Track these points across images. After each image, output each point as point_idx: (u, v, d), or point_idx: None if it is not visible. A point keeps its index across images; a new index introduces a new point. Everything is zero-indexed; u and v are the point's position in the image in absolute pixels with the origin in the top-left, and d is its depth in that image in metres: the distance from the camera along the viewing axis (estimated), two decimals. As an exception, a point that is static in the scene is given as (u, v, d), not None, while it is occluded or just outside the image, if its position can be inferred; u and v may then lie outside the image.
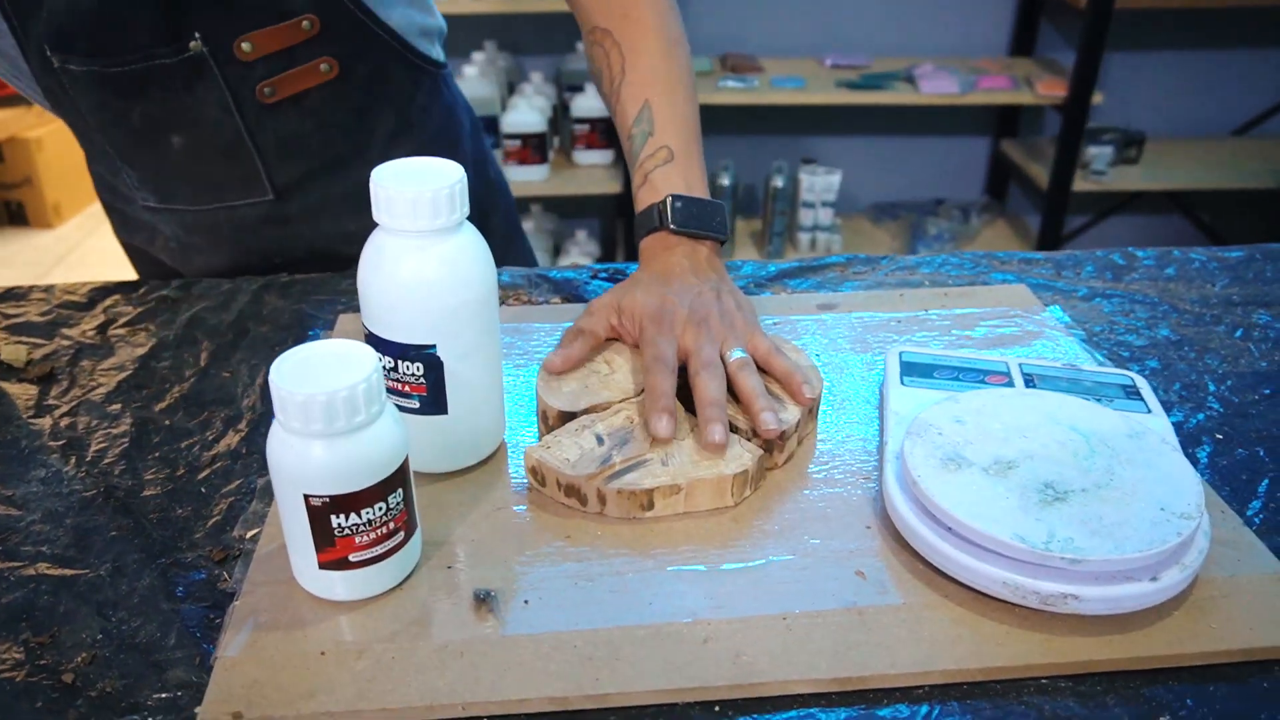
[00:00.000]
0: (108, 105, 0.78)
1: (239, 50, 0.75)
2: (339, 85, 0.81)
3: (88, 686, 0.47)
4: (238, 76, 0.77)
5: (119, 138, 0.81)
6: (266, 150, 0.81)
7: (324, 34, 0.78)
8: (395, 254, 0.54)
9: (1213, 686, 0.47)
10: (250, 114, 0.79)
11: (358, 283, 0.56)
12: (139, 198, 0.86)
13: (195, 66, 0.75)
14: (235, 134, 0.79)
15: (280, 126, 0.80)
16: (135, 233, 0.93)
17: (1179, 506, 0.52)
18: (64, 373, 0.71)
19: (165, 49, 0.74)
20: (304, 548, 0.49)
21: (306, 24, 0.76)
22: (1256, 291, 0.83)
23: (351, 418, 0.46)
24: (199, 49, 0.75)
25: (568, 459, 0.56)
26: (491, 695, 0.46)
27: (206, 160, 0.81)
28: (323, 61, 0.78)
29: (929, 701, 0.46)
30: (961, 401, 0.59)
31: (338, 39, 0.79)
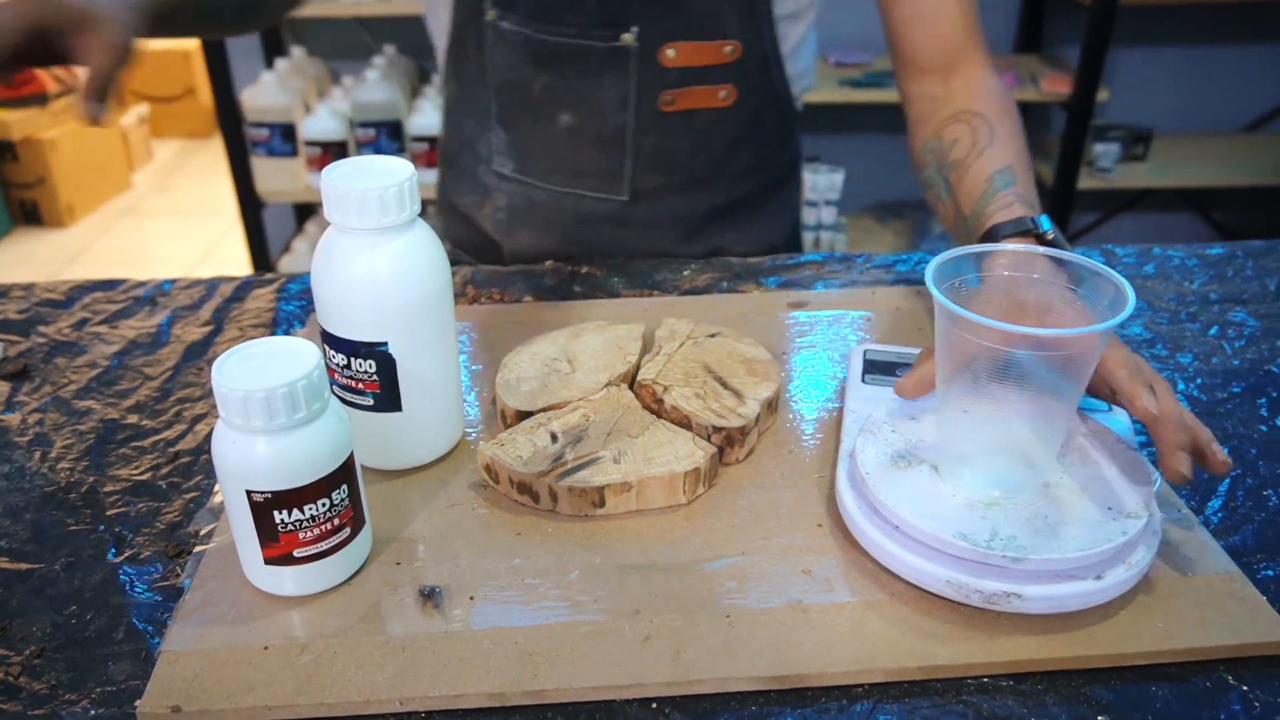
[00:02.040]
0: (518, 68, 0.82)
1: (663, 55, 0.79)
2: (726, 114, 0.84)
3: (35, 679, 0.47)
4: (650, 79, 0.80)
5: (510, 101, 0.84)
6: (641, 154, 0.84)
7: (737, 64, 0.81)
8: (346, 252, 0.54)
9: (1155, 686, 0.47)
10: (644, 116, 0.82)
11: (310, 281, 0.56)
12: (496, 161, 0.89)
13: (617, 57, 0.79)
14: (620, 131, 0.83)
15: (663, 136, 0.84)
16: (467, 193, 0.94)
17: (1127, 506, 0.51)
18: (37, 370, 0.72)
19: (601, 33, 0.79)
20: (249, 543, 0.49)
21: (729, 49, 0.80)
22: (1234, 289, 0.82)
23: (292, 414, 0.47)
24: (630, 42, 0.79)
25: (520, 456, 0.57)
26: (429, 690, 0.46)
27: (583, 146, 0.84)
28: (724, 89, 0.82)
29: (868, 700, 0.46)
30: (919, 400, 0.59)
31: (745, 73, 0.82)
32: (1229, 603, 0.50)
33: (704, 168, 0.86)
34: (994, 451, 0.53)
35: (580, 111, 0.83)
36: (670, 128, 0.83)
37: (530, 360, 0.66)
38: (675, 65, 0.80)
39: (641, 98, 0.81)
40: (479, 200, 0.92)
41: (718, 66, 0.81)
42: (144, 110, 3.90)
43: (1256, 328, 0.76)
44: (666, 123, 0.83)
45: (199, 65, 3.98)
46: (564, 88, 0.82)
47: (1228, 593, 0.51)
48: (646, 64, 0.80)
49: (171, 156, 4.01)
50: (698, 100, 0.82)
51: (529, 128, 0.85)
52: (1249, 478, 0.60)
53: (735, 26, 0.79)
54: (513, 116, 0.85)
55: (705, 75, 0.81)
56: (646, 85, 0.81)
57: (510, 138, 0.86)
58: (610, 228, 0.89)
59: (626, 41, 0.78)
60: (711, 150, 0.85)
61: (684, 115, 0.83)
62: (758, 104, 0.85)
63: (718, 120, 0.84)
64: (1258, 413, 0.66)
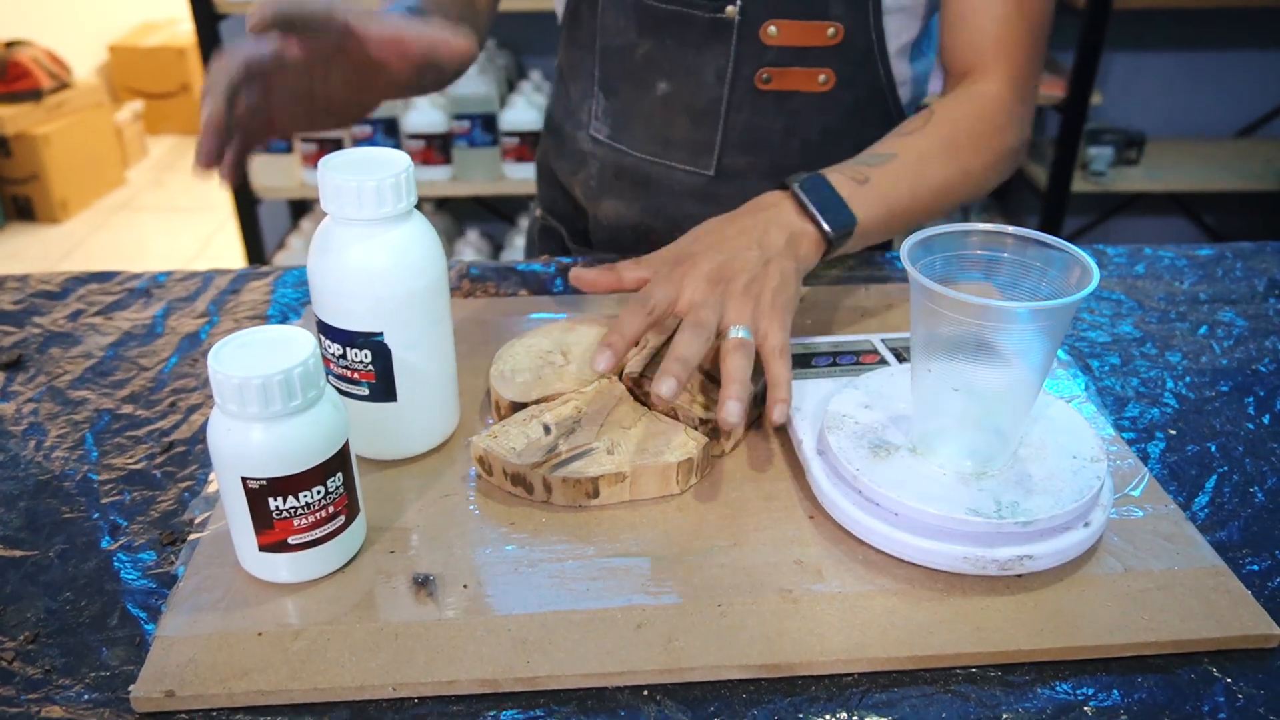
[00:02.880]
0: (624, 33, 0.83)
1: (764, 32, 0.79)
2: (822, 100, 0.83)
3: (29, 664, 0.48)
4: (750, 54, 0.80)
5: (613, 67, 0.85)
6: (732, 130, 0.84)
7: (839, 49, 0.80)
8: (342, 242, 0.54)
9: (1140, 677, 0.47)
10: (739, 92, 0.82)
11: (307, 271, 0.56)
12: (593, 127, 0.89)
13: (719, 29, 0.79)
14: (715, 104, 0.83)
15: (756, 114, 0.83)
16: (564, 159, 0.95)
17: (1087, 452, 0.54)
18: (32, 360, 0.72)
19: (705, 3, 0.79)
20: (244, 531, 0.50)
21: (832, 31, 0.79)
22: (1224, 289, 0.83)
23: (288, 401, 0.47)
24: (734, 15, 0.79)
25: (514, 448, 0.57)
26: (422, 676, 0.46)
27: (676, 116, 0.85)
28: (823, 73, 0.81)
29: (857, 688, 0.47)
30: (861, 386, 0.60)
31: (846, 60, 0.81)
32: (1214, 596, 0.51)
33: (795, 154, 0.85)
34: (974, 425, 0.54)
35: (677, 81, 0.83)
36: (764, 106, 0.82)
37: (524, 353, 0.66)
38: (776, 43, 0.79)
39: (738, 72, 0.81)
40: (575, 167, 0.93)
41: (818, 49, 0.80)
42: (138, 106, 3.90)
43: (1245, 328, 0.77)
44: (761, 101, 0.82)
45: (194, 62, 3.98)
46: (664, 56, 0.82)
47: (1213, 587, 0.51)
48: (746, 39, 0.79)
49: (166, 152, 4.01)
50: (795, 82, 0.81)
51: (628, 93, 0.85)
52: (1235, 474, 0.61)
53: (840, 9, 0.79)
54: (614, 81, 0.86)
55: (805, 56, 0.80)
56: (745, 60, 0.80)
57: (609, 103, 0.87)
58: (694, 202, 0.88)
59: (730, 14, 0.78)
60: (804, 135, 0.84)
61: (780, 95, 0.82)
62: (858, 97, 0.83)
63: (814, 105, 0.83)
64: (1245, 411, 0.67)
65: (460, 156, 2.31)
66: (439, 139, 2.27)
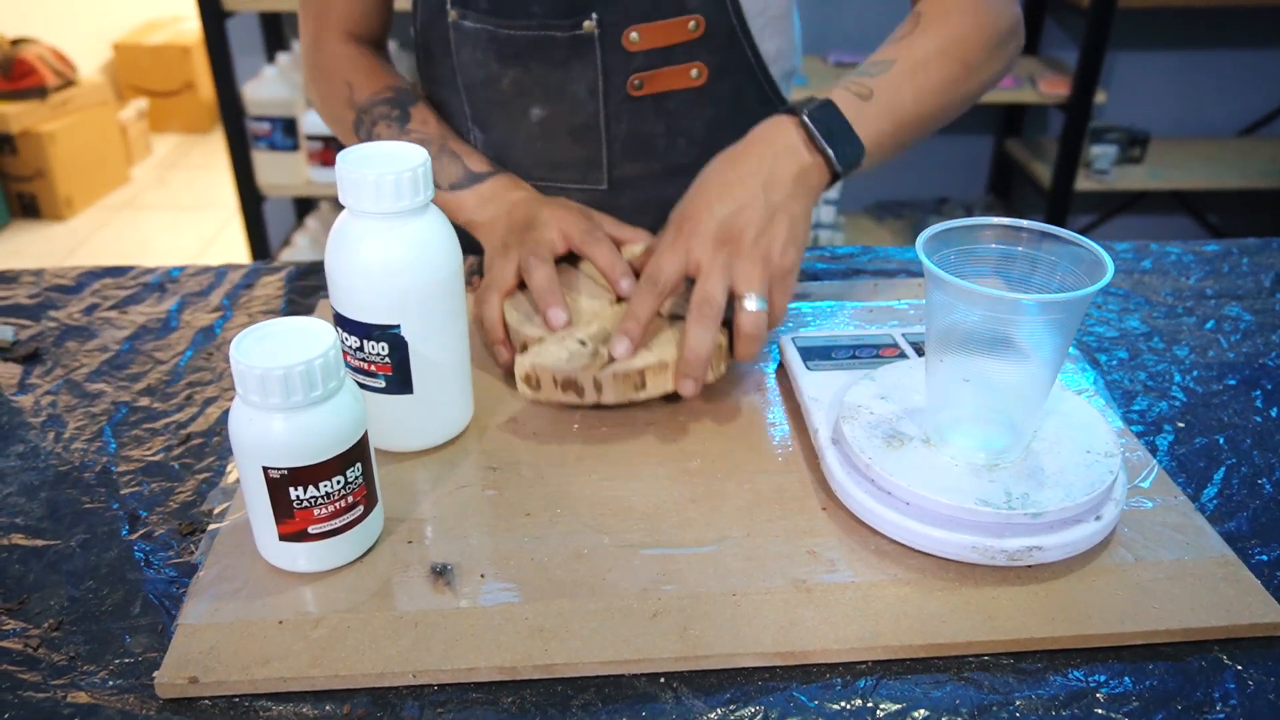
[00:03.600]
0: (484, 65, 0.82)
1: (626, 39, 0.78)
2: (699, 95, 0.83)
3: (54, 651, 0.48)
4: (616, 64, 0.80)
5: (482, 100, 0.84)
6: (615, 142, 0.84)
7: (704, 40, 0.80)
8: (360, 235, 0.55)
9: (1151, 664, 0.48)
10: (613, 102, 0.81)
11: (325, 264, 0.57)
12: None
13: (581, 45, 0.79)
14: (592, 119, 0.82)
15: (636, 121, 0.83)
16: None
17: (1101, 447, 0.55)
18: (48, 353, 0.72)
19: (561, 22, 0.78)
20: (265, 520, 0.50)
21: (693, 24, 0.79)
22: (1230, 285, 0.83)
23: (309, 392, 0.47)
24: (591, 29, 0.78)
25: (560, 358, 0.61)
26: (441, 664, 0.47)
27: (557, 138, 0.84)
28: (694, 67, 0.81)
29: (871, 676, 0.47)
30: (877, 379, 0.61)
31: (714, 49, 0.81)
32: (1224, 586, 0.51)
33: (683, 153, 0.85)
34: (987, 417, 0.55)
35: (551, 103, 0.82)
36: (642, 112, 0.82)
37: (529, 300, 0.68)
38: (640, 48, 0.79)
39: (610, 84, 0.80)
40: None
41: (684, 45, 0.80)
42: (143, 104, 3.90)
43: (1251, 322, 0.77)
44: (638, 107, 0.82)
45: (198, 59, 3.99)
46: (531, 81, 0.81)
47: (1223, 576, 0.52)
48: (610, 49, 0.79)
49: (170, 150, 4.02)
50: (668, 82, 0.81)
51: (503, 125, 0.84)
52: (1243, 466, 0.61)
53: (695, 1, 0.78)
54: (486, 115, 0.84)
55: (672, 55, 0.80)
56: (613, 70, 0.80)
57: (487, 136, 0.86)
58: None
59: (588, 28, 0.78)
60: (689, 133, 0.84)
61: (656, 99, 0.82)
62: (735, 84, 0.83)
63: (692, 101, 0.83)
64: (1252, 404, 0.67)
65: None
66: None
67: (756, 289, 0.61)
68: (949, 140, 2.80)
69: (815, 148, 0.66)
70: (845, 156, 0.66)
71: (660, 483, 0.59)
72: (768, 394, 0.67)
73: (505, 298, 0.68)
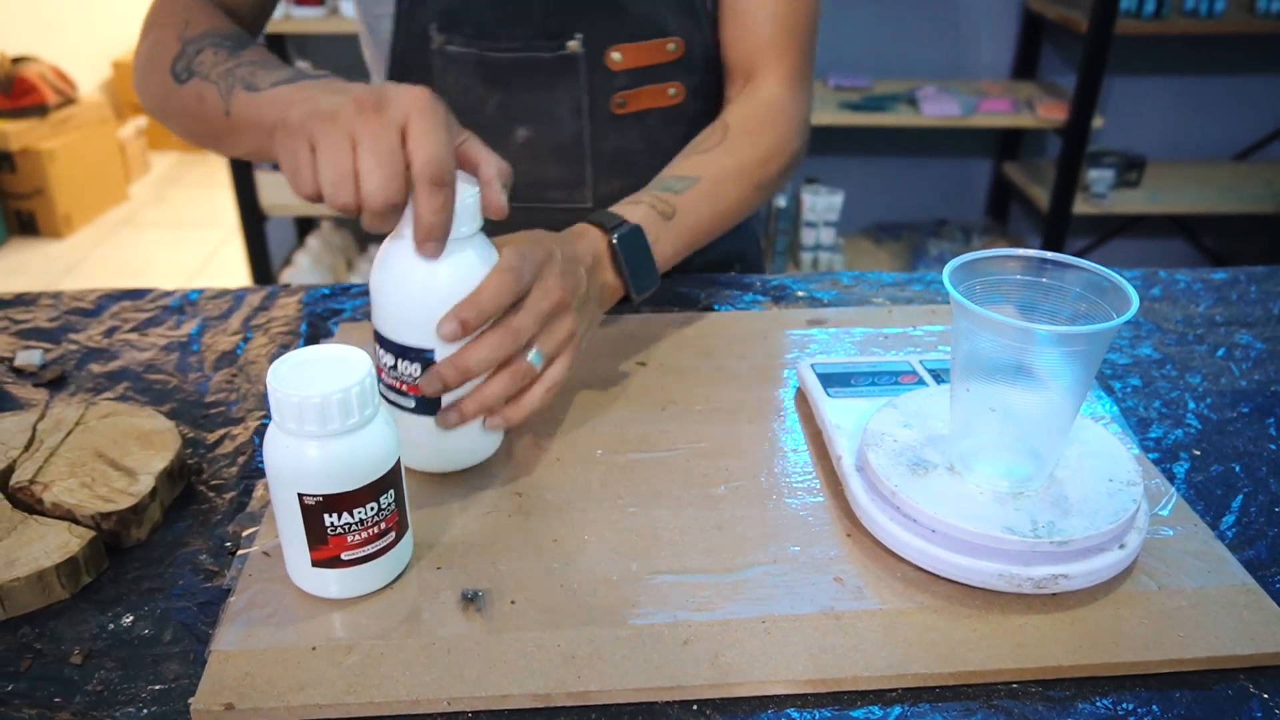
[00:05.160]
0: (469, 90, 0.83)
1: (609, 59, 0.81)
2: (676, 112, 0.85)
3: (85, 680, 0.48)
4: (599, 83, 0.82)
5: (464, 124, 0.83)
6: (599, 159, 0.85)
7: (681, 61, 0.83)
8: (404, 258, 0.56)
9: (1178, 693, 0.48)
10: (598, 121, 0.83)
11: (370, 281, 0.58)
12: None
13: (566, 66, 0.81)
14: (577, 138, 0.84)
15: (619, 139, 0.85)
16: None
17: (1123, 475, 0.56)
18: (73, 377, 0.73)
19: (546, 44, 0.80)
20: (298, 546, 0.51)
21: (672, 46, 0.82)
22: (1239, 312, 0.84)
23: (345, 420, 0.48)
24: (576, 50, 0.80)
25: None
26: (476, 691, 0.47)
27: (542, 158, 0.85)
28: (672, 86, 0.83)
29: (901, 704, 0.48)
30: (900, 406, 0.61)
31: (690, 69, 0.84)
32: (1247, 614, 0.52)
33: (661, 167, 0.85)
34: (1011, 446, 0.56)
35: (536, 124, 0.83)
36: (625, 130, 0.84)
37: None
38: (623, 68, 0.81)
39: (594, 103, 0.82)
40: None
41: (663, 65, 0.82)
42: (142, 122, 3.91)
43: (1263, 350, 0.78)
44: (620, 125, 0.84)
45: (198, 78, 4.00)
46: (516, 103, 0.83)
47: (1245, 604, 0.52)
48: (594, 69, 0.81)
49: (169, 168, 4.03)
50: (648, 100, 0.83)
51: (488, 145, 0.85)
52: (1260, 494, 0.62)
53: (675, 24, 0.81)
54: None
55: (653, 74, 0.82)
56: (597, 90, 0.82)
57: None
58: None
59: (572, 49, 0.80)
60: (667, 150, 0.85)
61: (637, 116, 0.84)
62: (709, 103, 0.86)
63: (669, 118, 0.85)
64: (1266, 431, 0.68)
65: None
66: None
67: (550, 352, 0.59)
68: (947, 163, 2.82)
69: (617, 270, 0.69)
70: (641, 287, 0.70)
71: (685, 509, 0.59)
72: (786, 420, 0.68)
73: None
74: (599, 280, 0.67)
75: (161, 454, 0.60)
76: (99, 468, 0.59)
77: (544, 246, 0.61)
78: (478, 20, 0.80)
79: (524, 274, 0.57)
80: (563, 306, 0.60)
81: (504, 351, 0.57)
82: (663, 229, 0.71)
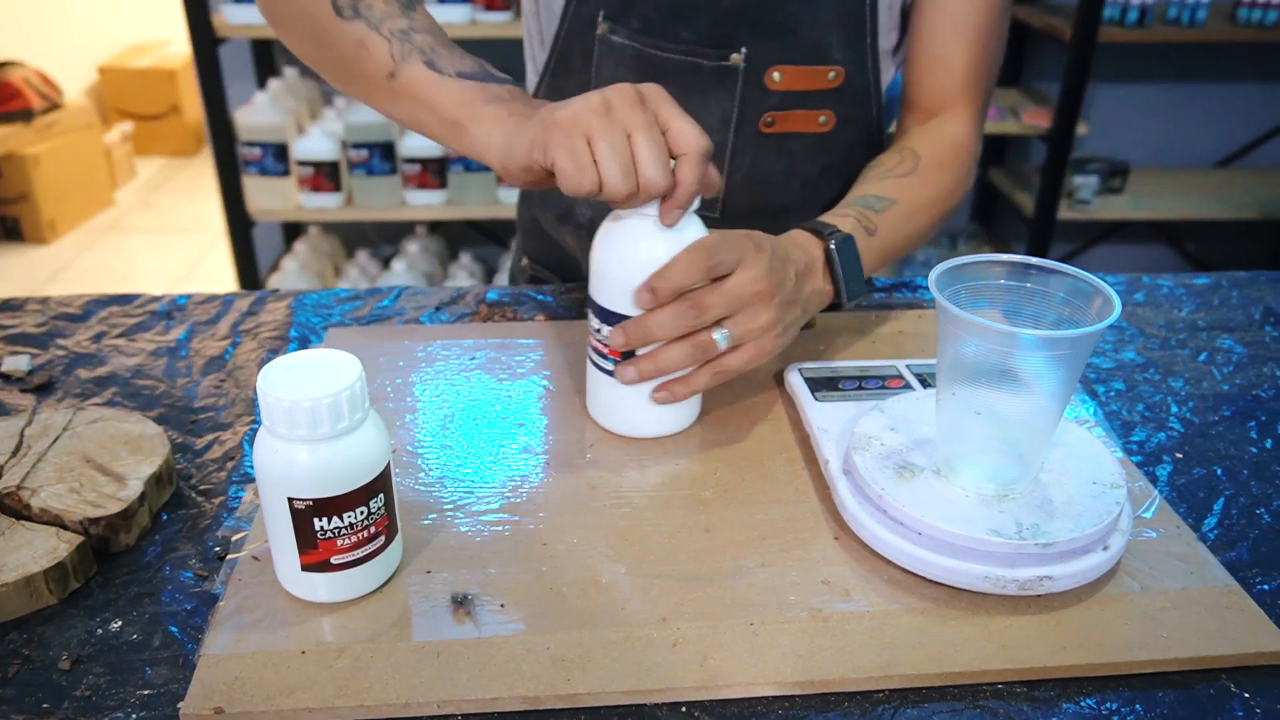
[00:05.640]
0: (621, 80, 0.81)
1: (769, 78, 0.80)
2: (822, 140, 0.85)
3: (73, 686, 0.48)
4: (754, 99, 0.81)
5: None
6: (736, 173, 0.85)
7: (839, 90, 0.83)
8: (627, 233, 0.61)
9: (1161, 692, 0.49)
10: (744, 136, 0.83)
11: (590, 253, 0.63)
12: None
13: (724, 76, 0.80)
14: (720, 150, 0.83)
15: (759, 158, 0.84)
16: (549, 209, 0.94)
17: (1107, 478, 0.56)
18: (60, 382, 0.73)
19: (709, 51, 0.80)
20: (287, 550, 0.51)
21: (833, 75, 0.81)
22: (1221, 317, 0.85)
23: (335, 424, 0.48)
24: (738, 62, 0.80)
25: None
26: (466, 694, 0.47)
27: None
28: (824, 114, 0.83)
29: (889, 704, 0.48)
30: (886, 410, 0.62)
31: (845, 100, 0.84)
32: (1229, 615, 0.52)
33: (795, 192, 0.87)
34: (996, 449, 0.56)
35: None
36: (766, 149, 0.84)
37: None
38: (779, 88, 0.81)
39: (743, 118, 0.82)
40: (563, 214, 0.92)
41: (820, 92, 0.82)
42: (128, 128, 3.90)
43: (1244, 354, 0.79)
44: (764, 143, 0.84)
45: (184, 83, 3.99)
46: None
47: (1228, 605, 0.53)
48: (751, 85, 0.81)
49: (155, 174, 4.01)
50: (798, 124, 0.83)
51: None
52: (1242, 497, 0.63)
53: (840, 53, 0.81)
54: None
55: (807, 100, 0.82)
56: (749, 105, 0.82)
57: None
58: None
59: (735, 61, 0.80)
60: (805, 175, 0.86)
61: (781, 137, 0.84)
62: (854, 134, 0.86)
63: (814, 145, 0.85)
64: (1248, 435, 0.69)
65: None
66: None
67: (739, 337, 0.62)
68: (933, 169, 2.83)
69: (830, 276, 0.70)
70: (852, 294, 0.71)
71: (674, 512, 0.59)
72: (774, 423, 0.68)
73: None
74: (810, 286, 0.68)
75: (150, 459, 0.60)
76: (87, 473, 0.58)
77: (756, 240, 0.63)
78: (644, 15, 0.80)
79: (720, 255, 0.60)
80: (763, 297, 0.61)
81: (684, 321, 0.60)
82: (866, 242, 0.72)
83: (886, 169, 0.79)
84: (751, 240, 0.62)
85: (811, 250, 0.69)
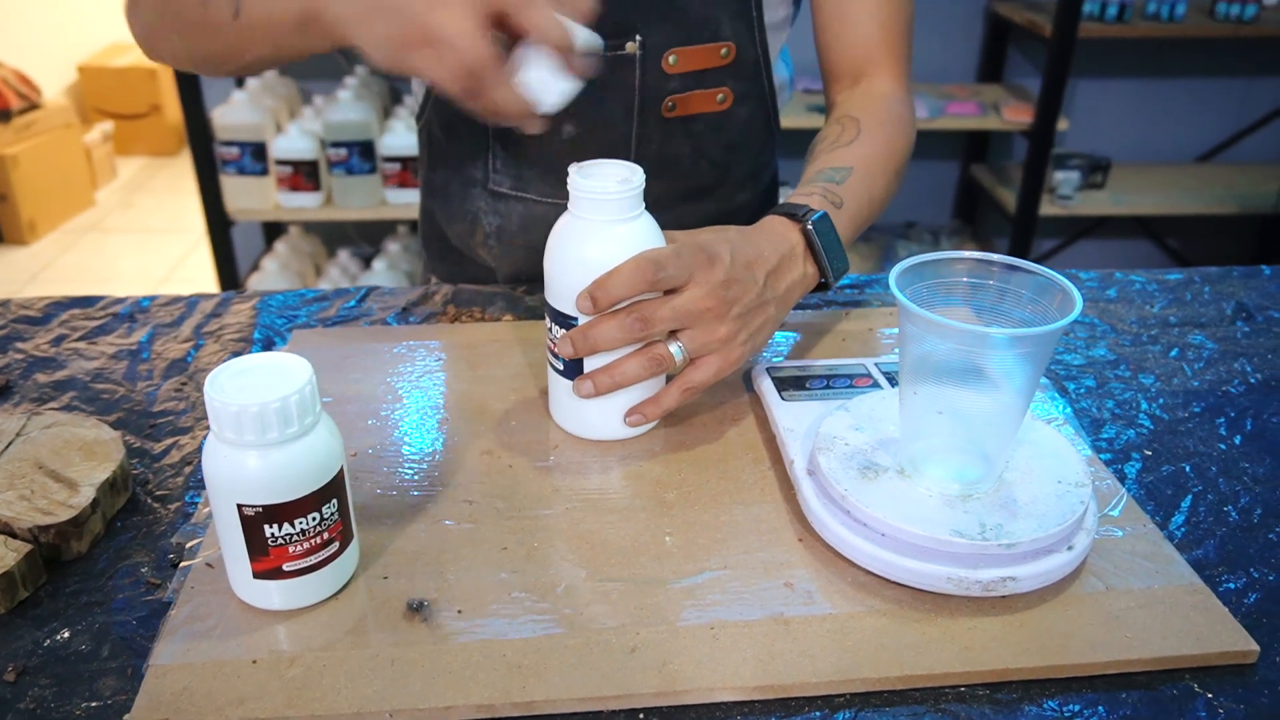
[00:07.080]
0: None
1: (665, 61, 0.80)
2: (722, 118, 0.85)
3: (18, 698, 0.47)
4: (654, 85, 0.81)
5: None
6: (644, 161, 0.83)
7: (731, 66, 0.83)
8: (572, 234, 0.61)
9: (1124, 694, 0.48)
10: (647, 123, 0.83)
11: (544, 257, 0.63)
12: (492, 180, 0.88)
13: (621, 66, 0.80)
14: (624, 139, 0.83)
15: (664, 143, 0.84)
16: (456, 220, 0.92)
17: (1072, 477, 0.56)
18: (17, 386, 0.71)
19: (606, 42, 0.78)
20: (239, 557, 0.50)
21: (724, 51, 0.81)
22: (1193, 313, 0.85)
23: (284, 429, 0.47)
24: (634, 50, 0.79)
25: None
26: (419, 702, 0.46)
27: (586, 157, 0.83)
28: (720, 91, 0.83)
29: (849, 708, 0.48)
30: (852, 409, 0.61)
31: (739, 76, 0.84)
32: (1194, 614, 0.52)
33: (705, 174, 0.87)
34: (960, 448, 0.56)
35: (584, 122, 0.83)
36: (671, 133, 0.84)
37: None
38: (676, 70, 0.81)
39: (645, 105, 0.82)
40: (469, 227, 0.91)
41: (715, 70, 0.83)
42: (108, 127, 3.87)
43: (1214, 350, 0.79)
44: (668, 128, 0.84)
45: (165, 82, 3.96)
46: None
47: (1193, 605, 0.52)
48: (650, 71, 0.81)
49: (135, 173, 3.98)
50: (698, 105, 0.83)
51: (531, 142, 0.85)
52: (1209, 494, 0.62)
53: (729, 29, 0.81)
54: (512, 134, 0.85)
55: (704, 79, 0.83)
56: (650, 92, 0.82)
57: (509, 154, 0.86)
58: None
59: (631, 50, 0.79)
60: (710, 156, 0.86)
61: (684, 120, 0.84)
62: (750, 110, 0.86)
63: (715, 124, 0.85)
64: (1217, 432, 0.69)
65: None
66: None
67: (697, 350, 0.62)
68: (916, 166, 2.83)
69: (812, 259, 0.69)
70: (837, 272, 0.70)
71: (636, 515, 0.59)
72: (741, 423, 0.67)
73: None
74: (790, 277, 0.67)
75: (104, 465, 0.59)
76: (39, 479, 0.57)
77: (711, 253, 0.62)
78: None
79: (666, 270, 0.59)
80: (715, 314, 0.61)
81: (629, 333, 0.60)
82: (836, 216, 0.72)
83: (832, 140, 0.79)
84: (706, 254, 0.62)
85: (789, 236, 0.68)
